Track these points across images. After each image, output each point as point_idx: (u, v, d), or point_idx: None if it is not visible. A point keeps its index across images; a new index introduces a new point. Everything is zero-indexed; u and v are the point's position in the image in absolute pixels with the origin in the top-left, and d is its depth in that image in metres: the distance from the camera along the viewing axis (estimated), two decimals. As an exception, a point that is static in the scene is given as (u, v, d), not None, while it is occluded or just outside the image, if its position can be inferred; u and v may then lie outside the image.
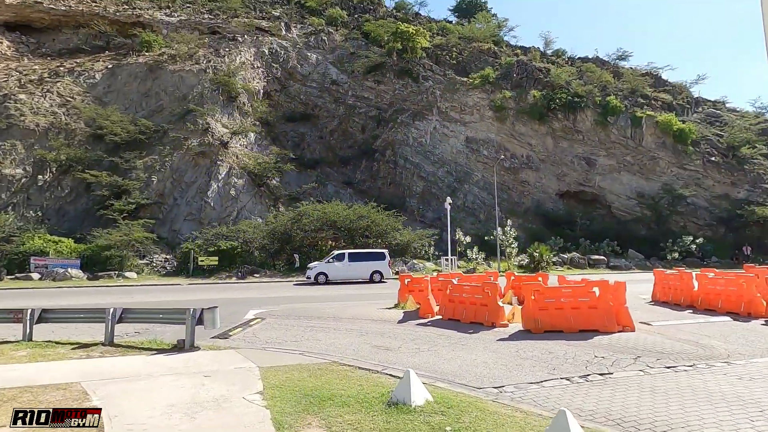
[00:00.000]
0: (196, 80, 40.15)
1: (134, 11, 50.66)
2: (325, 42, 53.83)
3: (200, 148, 34.61)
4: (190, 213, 32.64)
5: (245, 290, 20.16)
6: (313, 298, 17.28)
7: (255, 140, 42.01)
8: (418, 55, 48.60)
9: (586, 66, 49.49)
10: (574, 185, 43.04)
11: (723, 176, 39.23)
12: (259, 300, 16.46)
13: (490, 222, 41.33)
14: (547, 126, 43.49)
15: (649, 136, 41.17)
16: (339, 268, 23.40)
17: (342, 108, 48.87)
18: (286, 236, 29.32)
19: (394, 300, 14.70)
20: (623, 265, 31.61)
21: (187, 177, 34.24)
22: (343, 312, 12.84)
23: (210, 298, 17.34)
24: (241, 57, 45.96)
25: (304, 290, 20.18)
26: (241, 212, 33.65)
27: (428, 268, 29.52)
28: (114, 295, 17.77)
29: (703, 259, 33.41)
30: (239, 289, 20.94)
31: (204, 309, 8.29)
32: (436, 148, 44.46)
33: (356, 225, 30.01)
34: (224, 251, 27.22)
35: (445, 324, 10.53)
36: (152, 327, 10.45)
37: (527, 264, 30.08)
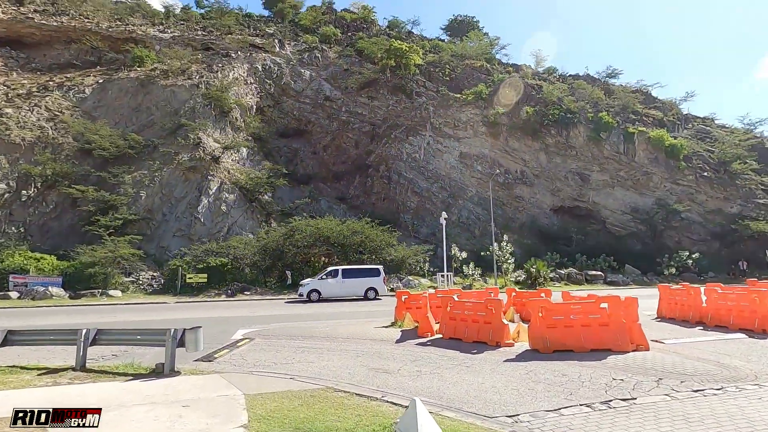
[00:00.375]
0: (188, 95, 39.78)
1: (127, 27, 50.56)
2: (319, 59, 54.00)
3: (191, 163, 34.00)
4: (179, 229, 31.80)
5: (235, 308, 19.34)
6: (306, 316, 16.53)
7: (247, 155, 41.51)
8: (412, 72, 48.87)
9: (578, 83, 50.09)
10: (568, 200, 42.95)
11: (716, 191, 39.38)
12: (248, 319, 15.67)
13: (485, 237, 40.96)
14: (541, 142, 43.61)
15: (641, 151, 41.39)
16: (332, 285, 22.67)
17: (335, 124, 48.74)
18: (278, 252, 28.57)
19: (391, 318, 14.04)
20: (620, 281, 31.21)
21: (176, 192, 33.50)
22: (337, 331, 12.15)
23: (196, 317, 16.52)
24: (234, 73, 45.82)
25: (296, 308, 19.41)
26: (232, 228, 32.89)
27: (424, 285, 28.85)
28: (94, 315, 16.86)
29: (700, 274, 33.13)
30: (228, 307, 20.10)
31: (186, 330, 7.60)
32: (429, 163, 44.30)
33: (350, 241, 29.38)
34: (214, 268, 26.38)
35: (446, 343, 9.90)
36: (132, 349, 9.71)
37: (524, 280, 29.56)
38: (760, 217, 36.71)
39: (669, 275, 32.52)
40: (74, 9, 51.22)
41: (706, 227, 38.95)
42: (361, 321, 14.63)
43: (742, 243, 35.68)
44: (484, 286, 29.45)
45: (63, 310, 18.90)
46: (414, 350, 9.40)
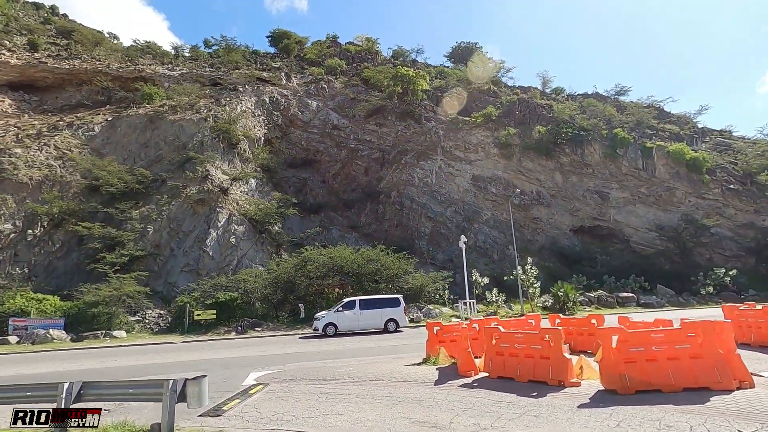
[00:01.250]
0: (196, 129, 39.60)
1: (137, 67, 51.41)
2: (325, 90, 54.21)
3: (199, 196, 33.24)
4: (187, 264, 30.65)
5: (245, 347, 17.81)
6: (325, 353, 14.97)
7: (256, 186, 40.82)
8: (419, 98, 48.64)
9: (588, 101, 49.40)
10: (588, 220, 41.30)
11: (745, 204, 37.55)
12: (261, 359, 14.16)
13: (505, 262, 39.25)
14: (555, 161, 42.48)
15: (661, 166, 39.98)
16: (349, 317, 21.10)
17: (344, 152, 48.23)
18: (290, 284, 27.16)
19: (420, 353, 12.50)
20: (655, 302, 29.14)
21: (185, 226, 32.58)
22: (364, 371, 10.60)
23: (204, 358, 15.03)
24: (241, 106, 45.88)
25: (312, 344, 17.83)
26: (241, 261, 31.66)
27: (445, 314, 27.09)
28: (92, 360, 15.46)
29: (740, 293, 30.91)
30: (238, 346, 18.58)
31: (187, 380, 6.21)
32: (442, 187, 43.22)
33: (365, 269, 27.94)
34: (223, 303, 24.98)
35: (495, 384, 8.34)
36: (129, 402, 8.28)
37: (552, 305, 27.66)
38: (795, 230, 34.71)
39: (706, 294, 30.38)
40: (87, 53, 52.36)
41: (738, 242, 36.90)
42: (387, 358, 13.06)
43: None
44: (509, 312, 27.61)
45: (60, 355, 17.52)
46: (460, 394, 7.85)
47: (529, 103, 47.61)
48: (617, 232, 40.87)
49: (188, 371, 11.86)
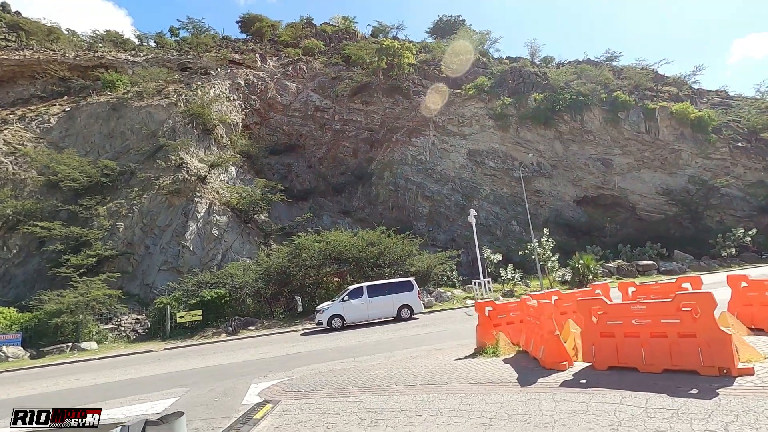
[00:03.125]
0: (165, 115, 35.88)
1: (96, 54, 46.98)
2: (304, 70, 50.71)
3: (174, 186, 29.85)
4: (165, 261, 27.40)
5: (240, 350, 14.96)
6: (339, 351, 12.26)
7: (237, 174, 37.48)
8: (406, 72, 45.68)
9: (581, 67, 47.24)
10: (592, 189, 39.36)
11: (753, 162, 36.07)
12: (261, 365, 11.38)
13: (509, 238, 37.09)
14: (554, 130, 40.27)
15: (665, 128, 38.15)
16: (357, 306, 18.40)
17: (329, 134, 45.12)
18: (284, 276, 24.26)
19: (457, 341, 10.08)
20: (677, 269, 27.29)
21: (160, 220, 29.22)
22: (406, 372, 7.93)
23: (190, 368, 12.16)
24: (215, 90, 42.18)
25: (319, 341, 15.09)
26: (227, 254, 28.57)
27: (458, 296, 24.66)
28: (48, 380, 12.41)
29: (760, 253, 29.38)
30: (231, 349, 15.72)
31: (148, 424, 3.43)
32: (437, 165, 40.61)
33: (365, 254, 25.22)
34: (209, 302, 21.96)
35: (613, 379, 5.77)
36: None
37: (571, 278, 25.50)
38: (807, 184, 33.35)
39: (728, 257, 28.72)
40: (39, 44, 47.64)
41: (749, 202, 35.43)
42: (422, 351, 10.43)
43: (797, 214, 32.16)
44: (526, 290, 25.34)
45: (10, 377, 14.34)
46: (574, 400, 5.25)
47: (522, 71, 45.20)
48: (622, 200, 39.04)
49: (166, 389, 9.01)
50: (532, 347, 7.58)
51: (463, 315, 18.38)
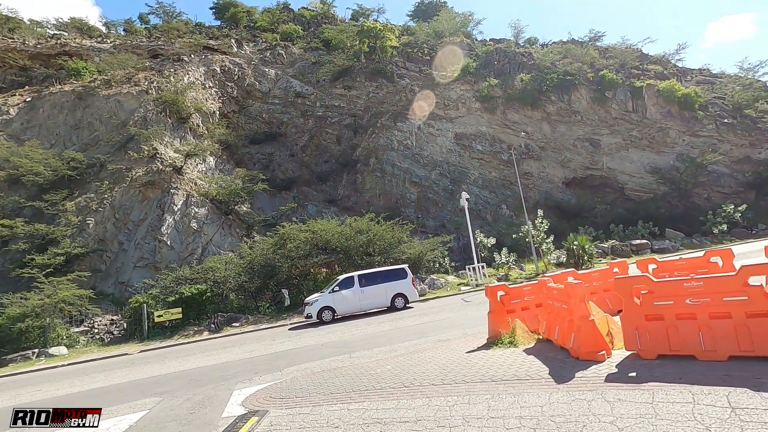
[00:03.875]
0: (136, 103, 33.79)
1: (59, 41, 44.15)
2: (283, 56, 48.77)
3: (148, 178, 28.07)
4: (141, 258, 25.77)
5: (223, 350, 13.75)
6: (332, 347, 11.17)
7: (216, 165, 35.75)
8: (389, 54, 44.23)
9: (566, 47, 46.47)
10: (580, 170, 38.85)
11: (740, 138, 35.97)
12: (246, 365, 10.22)
13: (499, 222, 36.40)
14: (541, 110, 39.51)
15: (652, 106, 37.74)
16: (349, 297, 17.31)
17: (311, 121, 43.50)
18: (269, 269, 22.96)
19: (462, 330, 9.15)
20: (670, 247, 26.95)
21: (134, 214, 27.49)
22: (413, 369, 6.88)
23: (167, 372, 10.92)
24: (189, 77, 40.02)
25: (309, 336, 13.96)
26: (207, 248, 27.07)
27: (452, 283, 23.79)
28: (6, 393, 11.00)
29: (750, 229, 29.30)
30: (213, 348, 14.48)
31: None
32: (423, 149, 39.51)
33: (354, 243, 24.06)
34: (189, 299, 20.57)
35: (669, 371, 4.81)
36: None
37: (567, 260, 24.86)
38: (792, 159, 33.41)
39: (719, 233, 28.53)
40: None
41: (736, 178, 35.42)
42: (425, 343, 9.41)
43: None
44: (522, 274, 24.63)
45: (-33, 389, 12.86)
46: (632, 399, 4.26)
47: (507, 52, 44.22)
48: (611, 181, 38.67)
49: (136, 399, 7.78)
50: (558, 335, 6.61)
51: (460, 302, 17.48)
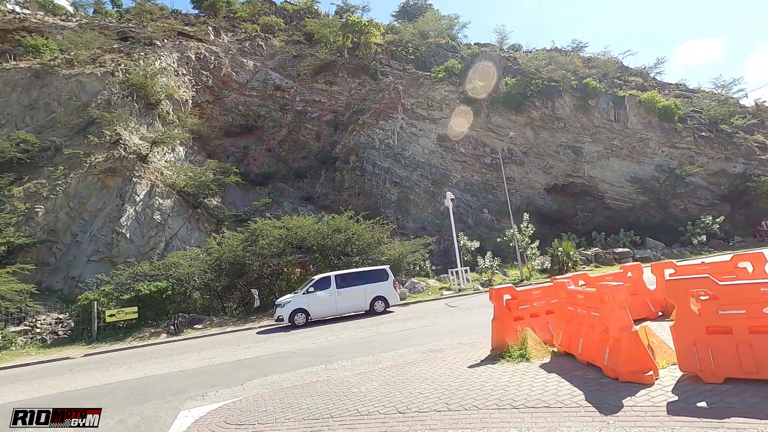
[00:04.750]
0: (100, 85, 31.32)
1: (17, 16, 40.98)
2: (263, 47, 46.87)
3: (108, 164, 25.79)
4: (96, 251, 23.51)
5: (179, 356, 12.09)
6: (305, 354, 9.74)
7: (186, 156, 33.61)
8: (373, 51, 43.08)
9: (550, 54, 46.55)
10: (562, 177, 38.64)
11: (716, 152, 36.53)
12: (203, 375, 8.68)
13: (480, 227, 35.66)
14: (525, 115, 39.15)
15: (633, 116, 37.95)
16: (324, 299, 15.87)
17: (290, 115, 41.79)
18: (238, 267, 21.23)
19: (452, 338, 8.04)
20: (651, 256, 26.70)
21: (91, 204, 25.16)
22: (409, 389, 5.57)
23: (109, 382, 9.24)
24: (160, 62, 37.67)
25: (280, 341, 12.48)
26: (171, 243, 25.04)
27: (433, 287, 22.66)
28: None
29: (727, 241, 29.49)
30: (169, 354, 12.78)
31: None
32: (405, 149, 38.44)
33: (331, 241, 22.62)
34: (147, 297, 18.63)
35: (754, 401, 3.69)
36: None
37: (551, 266, 24.16)
38: (765, 174, 34.04)
39: (698, 244, 28.55)
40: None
41: (712, 191, 35.91)
42: (415, 353, 8.12)
43: (759, 202, 32.65)
44: (505, 279, 23.75)
45: None
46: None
47: (492, 55, 43.79)
48: (591, 189, 38.61)
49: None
50: (582, 348, 5.46)
51: (445, 307, 16.33)
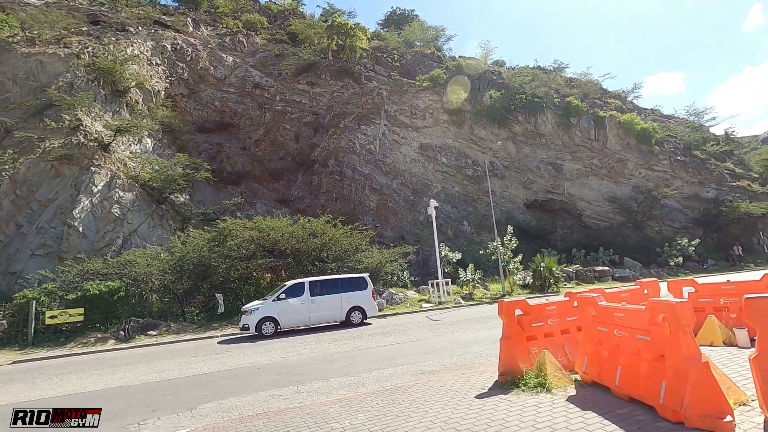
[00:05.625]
0: (63, 66, 29.05)
1: (-24, -11, 37.94)
2: (244, 44, 45.30)
3: (64, 151, 23.58)
4: (43, 244, 21.21)
5: (124, 367, 10.43)
6: (273, 371, 8.36)
7: (153, 149, 31.52)
8: (358, 55, 42.22)
9: (533, 72, 46.92)
10: (542, 193, 38.54)
11: (690, 176, 37.27)
12: (146, 394, 7.17)
13: (460, 239, 34.92)
14: (508, 130, 39.00)
15: (612, 137, 38.37)
16: (297, 307, 14.44)
17: (269, 114, 40.21)
18: (202, 268, 19.51)
19: (450, 357, 6.73)
20: (630, 275, 26.51)
21: (41, 192, 22.86)
22: (408, 426, 4.36)
23: (29, 399, 7.57)
24: (133, 49, 35.55)
25: (243, 353, 11.00)
26: (130, 239, 22.97)
27: (411, 299, 21.52)
28: None
29: (701, 263, 29.77)
30: (113, 364, 11.08)
31: None
32: (386, 156, 37.49)
33: (306, 246, 21.22)
34: (95, 298, 16.67)
35: None
36: None
37: (533, 282, 23.47)
38: (736, 200, 34.89)
39: (675, 265, 28.64)
40: None
41: (686, 214, 36.51)
42: (403, 374, 6.91)
43: (730, 227, 33.32)
44: (486, 294, 22.88)
45: None
46: None
47: (478, 68, 43.71)
48: (570, 206, 38.65)
49: None
50: (622, 379, 4.42)
51: (426, 321, 15.20)
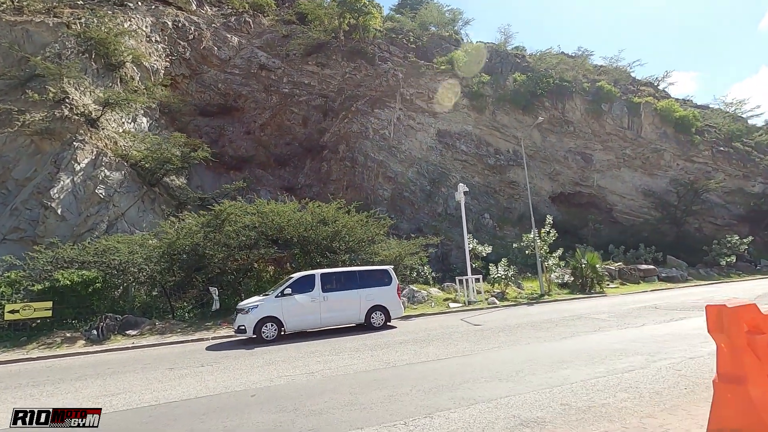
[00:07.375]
0: (51, 37, 26.41)
1: (-35, -42, 35.46)
2: (250, 24, 42.50)
3: (45, 124, 20.99)
4: (16, 228, 18.64)
5: (73, 383, 7.72)
6: (274, 405, 5.57)
7: (150, 128, 28.90)
8: (371, 35, 39.35)
9: (559, 57, 43.81)
10: (569, 185, 35.52)
11: (734, 168, 34.07)
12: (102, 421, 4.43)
13: (481, 233, 32.00)
14: (533, 116, 35.95)
15: (648, 125, 35.24)
16: (305, 306, 11.68)
17: (275, 97, 37.47)
18: (196, 258, 16.80)
19: (542, 388, 3.82)
20: (678, 276, 23.53)
21: (18, 171, 20.30)
22: None
23: None
24: (131, 24, 32.88)
25: (234, 367, 8.24)
26: (116, 224, 20.34)
27: (436, 297, 18.71)
28: None
29: (755, 264, 26.70)
30: (61, 378, 8.38)
31: None
32: (401, 143, 34.64)
33: (315, 235, 18.44)
34: (67, 289, 14.02)
35: None
36: None
37: (573, 281, 20.56)
38: (785, 196, 31.73)
39: (726, 265, 25.61)
40: None
41: (729, 210, 33.36)
42: (490, 423, 4.05)
43: (785, 224, 30.23)
44: (520, 292, 20.01)
45: None
46: None
47: (500, 51, 40.75)
48: (599, 200, 35.61)
49: None
50: None
51: (463, 324, 12.40)
